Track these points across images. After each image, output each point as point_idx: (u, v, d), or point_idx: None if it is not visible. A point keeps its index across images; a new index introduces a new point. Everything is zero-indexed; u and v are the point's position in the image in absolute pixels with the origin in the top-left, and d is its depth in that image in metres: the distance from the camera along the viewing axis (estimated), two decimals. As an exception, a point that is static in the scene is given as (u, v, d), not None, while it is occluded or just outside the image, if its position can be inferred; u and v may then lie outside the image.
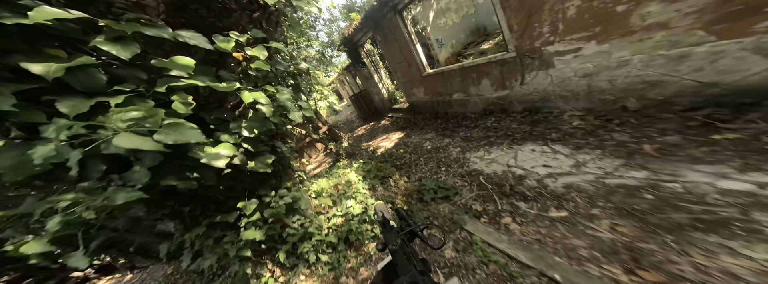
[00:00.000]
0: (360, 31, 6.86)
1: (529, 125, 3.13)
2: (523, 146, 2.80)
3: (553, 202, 1.88)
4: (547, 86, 3.05)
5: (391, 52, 6.23)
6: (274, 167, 2.20)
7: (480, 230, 2.01)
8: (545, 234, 1.69)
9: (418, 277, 0.38)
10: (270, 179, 2.22)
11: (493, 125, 3.76)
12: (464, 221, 2.18)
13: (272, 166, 1.80)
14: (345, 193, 3.08)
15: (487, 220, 2.13)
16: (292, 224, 2.43)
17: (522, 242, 1.72)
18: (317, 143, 7.72)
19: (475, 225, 2.09)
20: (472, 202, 2.45)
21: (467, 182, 2.81)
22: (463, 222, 2.18)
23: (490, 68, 3.78)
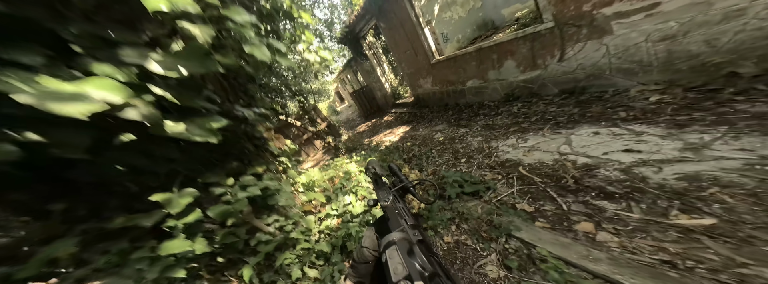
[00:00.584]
0: (362, 19, 6.27)
1: (577, 107, 2.44)
2: (577, 130, 2.10)
3: (671, 202, 1.16)
4: (598, 59, 2.39)
5: (395, 40, 5.61)
6: (233, 140, 1.46)
7: (546, 240, 1.28)
8: (681, 252, 0.97)
9: (409, 231, 0.34)
10: (225, 160, 1.46)
11: (522, 110, 3.07)
12: (515, 226, 1.45)
13: (226, 138, 1.11)
14: (343, 187, 2.33)
15: (548, 225, 1.41)
16: (266, 227, 1.67)
17: (632, 263, 1.00)
18: (316, 141, 7.00)
19: (535, 232, 1.37)
20: (515, 200, 1.73)
21: (501, 175, 2.09)
22: (514, 227, 1.45)
23: (516, 46, 3.14)
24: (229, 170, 1.43)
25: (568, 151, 1.90)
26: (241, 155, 1.59)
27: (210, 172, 1.33)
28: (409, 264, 0.26)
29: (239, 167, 1.51)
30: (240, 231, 1.52)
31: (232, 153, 1.53)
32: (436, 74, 5.04)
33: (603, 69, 2.40)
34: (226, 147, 1.49)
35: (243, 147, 1.60)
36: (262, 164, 1.66)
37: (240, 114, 1.43)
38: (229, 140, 1.48)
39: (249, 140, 1.70)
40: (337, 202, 2.13)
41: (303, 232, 1.87)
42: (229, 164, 1.45)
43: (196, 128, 0.99)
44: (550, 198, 1.60)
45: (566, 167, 1.74)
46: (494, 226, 1.57)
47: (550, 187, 1.67)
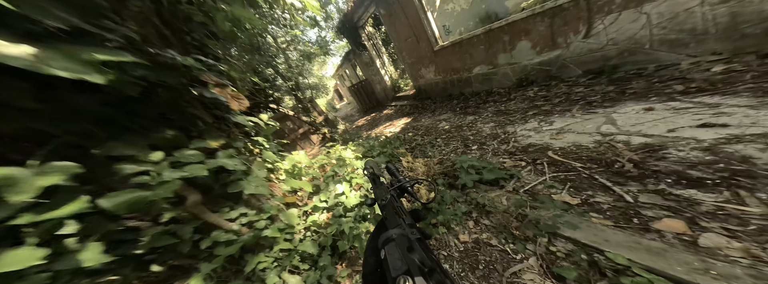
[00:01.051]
0: (361, 6, 5.79)
1: (611, 85, 2.04)
2: (619, 108, 1.70)
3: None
4: (636, 32, 2.00)
5: (396, 28, 5.17)
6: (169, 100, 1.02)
7: (618, 242, 0.87)
8: None
9: (407, 229, 0.33)
10: (155, 127, 0.99)
11: (539, 94, 2.68)
12: (566, 222, 1.04)
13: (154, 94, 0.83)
14: (335, 175, 1.89)
15: (608, 222, 1.01)
16: (227, 223, 1.22)
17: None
18: (312, 136, 6.51)
19: (597, 231, 0.96)
20: (551, 190, 1.33)
21: (525, 161, 1.69)
22: (563, 224, 1.04)
23: (532, 25, 2.74)
24: (156, 140, 0.94)
25: (613, 131, 1.51)
26: (182, 124, 1.10)
27: (118, 140, 0.85)
28: (408, 260, 0.25)
29: (177, 139, 1.02)
30: (184, 230, 1.06)
31: (167, 119, 1.05)
32: (439, 62, 4.62)
33: (641, 43, 2.01)
34: (154, 108, 1.00)
35: (186, 111, 1.12)
36: (218, 137, 1.18)
37: (170, 60, 0.94)
38: (160, 98, 1.00)
39: (202, 106, 1.22)
40: (328, 192, 1.69)
41: (282, 229, 1.42)
42: (159, 132, 0.96)
43: (61, 56, 0.54)
44: (602, 187, 1.19)
45: (617, 149, 1.34)
46: (530, 222, 1.16)
47: (597, 173, 1.27)
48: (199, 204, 1.12)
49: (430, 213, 1.57)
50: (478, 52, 3.66)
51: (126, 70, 0.79)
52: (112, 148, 0.83)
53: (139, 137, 0.90)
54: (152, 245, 0.95)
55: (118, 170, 0.83)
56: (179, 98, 1.10)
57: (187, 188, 1.09)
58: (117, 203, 0.74)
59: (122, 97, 0.83)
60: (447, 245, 1.36)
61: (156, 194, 0.82)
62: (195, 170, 0.94)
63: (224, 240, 1.20)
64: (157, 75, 0.89)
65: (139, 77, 0.83)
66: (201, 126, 1.20)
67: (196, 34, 1.32)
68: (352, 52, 7.88)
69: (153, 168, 0.89)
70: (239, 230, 1.28)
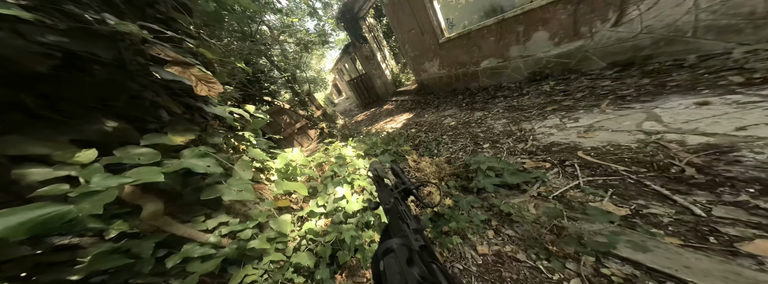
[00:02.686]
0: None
1: (646, 78, 1.80)
2: (662, 103, 1.47)
3: None
4: (678, 18, 1.74)
5: (399, 19, 4.81)
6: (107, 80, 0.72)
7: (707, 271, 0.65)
8: None
9: (411, 236, 0.32)
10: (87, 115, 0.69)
11: (557, 88, 2.44)
12: (631, 241, 0.82)
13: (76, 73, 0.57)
14: (334, 175, 1.63)
15: (675, 239, 0.80)
16: (202, 235, 0.96)
17: None
18: (310, 130, 6.20)
19: (670, 253, 0.73)
20: (588, 196, 1.11)
21: (549, 162, 1.47)
22: (632, 243, 0.82)
23: (552, 13, 2.47)
24: (86, 133, 0.67)
25: (659, 128, 1.28)
26: (133, 114, 0.81)
27: (21, 134, 0.58)
28: (408, 274, 0.24)
29: (122, 133, 0.74)
30: (141, 246, 0.79)
31: (110, 106, 0.75)
32: (444, 55, 4.33)
33: (682, 30, 1.76)
34: (88, 91, 0.70)
35: (142, 98, 0.82)
36: (185, 130, 0.89)
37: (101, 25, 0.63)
38: (94, 78, 0.70)
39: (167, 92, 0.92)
40: (326, 196, 1.44)
41: (272, 239, 1.18)
42: (93, 123, 0.68)
43: None
44: (657, 196, 0.98)
45: (670, 150, 1.12)
46: (571, 237, 0.94)
47: (648, 179, 1.05)
48: (160, 215, 0.85)
49: (441, 220, 1.35)
50: (488, 45, 3.38)
51: (24, 34, 0.51)
52: (10, 145, 0.54)
53: (57, 129, 0.61)
54: (95, 268, 0.69)
55: (20, 176, 0.55)
56: (129, 79, 0.81)
57: (142, 195, 0.82)
58: (11, 226, 0.47)
59: (26, 73, 0.55)
60: (462, 257, 1.15)
61: (80, 209, 0.55)
62: (145, 174, 0.66)
63: (199, 254, 0.94)
64: (80, 44, 0.60)
65: (49, 45, 0.55)
66: (165, 117, 0.91)
67: (160, 5, 1.01)
68: (352, 45, 7.48)
69: (82, 172, 0.61)
70: (218, 242, 1.03)
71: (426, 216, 1.38)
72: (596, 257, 0.85)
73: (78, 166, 0.62)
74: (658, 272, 0.71)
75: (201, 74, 0.82)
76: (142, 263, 0.80)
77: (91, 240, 0.74)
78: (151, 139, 0.77)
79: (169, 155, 0.82)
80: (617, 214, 0.96)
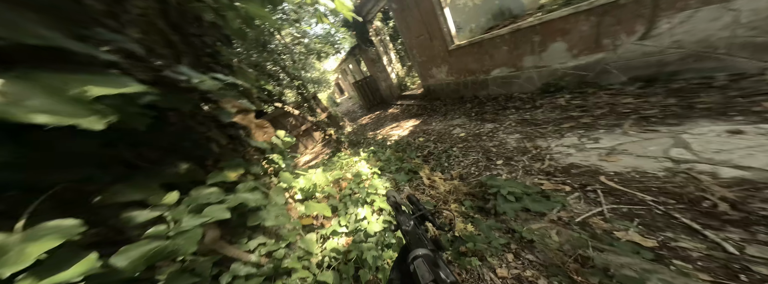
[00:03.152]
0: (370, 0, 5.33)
1: (672, 98, 1.74)
2: (689, 127, 1.42)
3: None
4: (713, 33, 1.66)
5: (408, 24, 4.75)
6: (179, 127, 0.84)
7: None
8: None
9: (431, 252, 0.35)
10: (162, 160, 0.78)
11: (573, 102, 2.39)
12: (663, 280, 0.80)
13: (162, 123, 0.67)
14: (352, 194, 1.63)
15: (706, 276, 0.78)
16: (246, 256, 1.00)
17: None
18: (315, 133, 6.20)
19: None
20: (613, 225, 1.09)
21: (569, 186, 1.45)
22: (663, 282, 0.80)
23: (573, 24, 2.40)
24: (168, 177, 0.74)
25: (687, 157, 1.25)
26: (197, 153, 0.87)
27: (124, 183, 0.66)
28: (434, 272, 0.28)
29: (192, 173, 0.80)
30: (203, 266, 0.86)
31: (178, 147, 0.82)
32: (453, 62, 4.27)
33: (715, 46, 1.69)
34: (164, 137, 0.77)
35: (200, 139, 0.88)
36: (236, 166, 0.94)
37: (184, 79, 0.69)
38: (171, 125, 0.77)
39: (215, 125, 0.97)
40: (347, 216, 1.44)
41: (300, 257, 1.21)
42: (171, 167, 0.75)
43: (39, 92, 0.38)
44: (686, 229, 0.95)
45: (701, 183, 1.09)
46: (596, 268, 0.92)
47: (677, 211, 1.03)
48: (217, 240, 0.90)
49: (458, 240, 1.34)
50: (500, 54, 3.32)
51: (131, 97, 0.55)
52: (117, 193, 0.62)
53: (148, 176, 0.69)
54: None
55: (127, 220, 0.63)
56: (191, 120, 0.84)
57: (205, 225, 0.87)
58: (133, 261, 0.56)
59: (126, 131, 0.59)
60: (481, 278, 1.15)
61: (177, 244, 0.64)
62: (216, 212, 0.74)
63: (244, 273, 1.01)
64: (168, 101, 0.65)
65: (147, 105, 0.59)
66: (215, 150, 0.95)
67: (208, 38, 1.02)
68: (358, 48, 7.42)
69: (169, 213, 0.69)
70: (259, 261, 1.08)
71: (444, 236, 1.38)
72: None
73: (165, 207, 0.70)
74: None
75: (258, 121, 0.85)
76: (202, 281, 0.86)
77: (163, 261, 0.78)
78: (214, 178, 0.84)
79: (226, 191, 0.86)
80: (644, 245, 0.94)
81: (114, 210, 0.64)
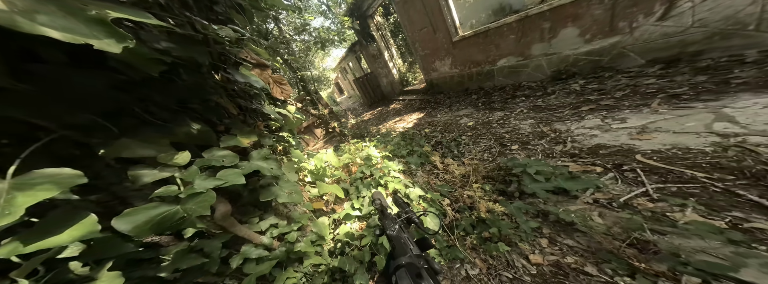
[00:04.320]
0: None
1: (702, 75, 1.62)
2: (731, 102, 1.30)
3: None
4: (741, 10, 1.55)
5: (410, 17, 4.62)
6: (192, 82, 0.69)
7: None
8: None
9: (415, 258, 0.36)
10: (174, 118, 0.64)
11: (589, 86, 2.28)
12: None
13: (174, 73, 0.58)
14: (364, 178, 1.47)
15: None
16: (258, 237, 0.88)
17: None
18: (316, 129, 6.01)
19: None
20: (666, 206, 0.95)
21: (600, 166, 1.32)
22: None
23: (585, 8, 2.30)
24: (179, 136, 0.63)
25: (736, 130, 1.12)
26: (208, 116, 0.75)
27: (132, 137, 0.56)
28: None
29: (205, 135, 0.68)
30: (212, 246, 0.73)
31: (189, 109, 0.69)
32: (457, 53, 4.15)
33: (744, 23, 1.58)
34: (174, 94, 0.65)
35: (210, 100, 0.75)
36: (249, 133, 0.80)
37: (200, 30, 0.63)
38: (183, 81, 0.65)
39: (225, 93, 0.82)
40: (360, 199, 1.28)
41: (314, 241, 1.06)
42: (183, 125, 0.63)
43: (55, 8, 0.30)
44: (756, 207, 0.82)
45: (759, 155, 0.96)
46: (665, 254, 0.78)
47: (740, 187, 0.90)
48: (228, 216, 0.76)
49: (481, 225, 1.20)
50: (507, 43, 3.21)
51: (145, 40, 0.52)
52: (124, 147, 0.53)
53: (159, 131, 0.58)
54: (176, 266, 0.64)
55: (134, 178, 0.54)
56: (204, 81, 0.71)
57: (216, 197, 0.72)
58: (138, 225, 0.48)
59: (137, 78, 0.53)
60: (510, 265, 1.01)
61: (187, 209, 0.54)
62: (230, 177, 0.64)
63: (255, 256, 0.88)
64: (184, 50, 0.56)
65: (161, 50, 0.53)
66: (226, 119, 0.82)
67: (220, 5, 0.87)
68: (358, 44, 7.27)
69: (179, 174, 0.59)
70: (271, 244, 0.92)
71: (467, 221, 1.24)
72: (704, 279, 0.69)
73: (176, 168, 0.60)
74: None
75: (276, 76, 0.72)
76: (210, 262, 0.73)
77: (167, 238, 0.69)
78: (227, 141, 0.73)
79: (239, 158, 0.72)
80: (724, 228, 0.80)
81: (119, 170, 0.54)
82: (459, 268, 1.05)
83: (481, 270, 1.01)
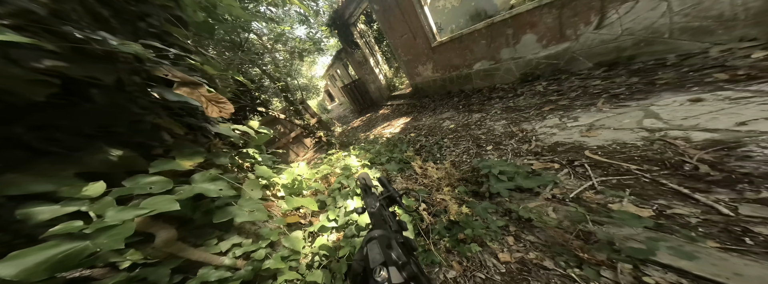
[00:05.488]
0: (352, 2, 5.37)
1: (635, 77, 1.85)
2: (656, 100, 1.49)
3: None
4: (655, 21, 1.82)
5: (391, 24, 4.82)
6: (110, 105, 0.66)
7: (763, 278, 0.63)
8: None
9: (391, 233, 0.37)
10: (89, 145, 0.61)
11: (550, 88, 2.48)
12: (674, 248, 0.77)
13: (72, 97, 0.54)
14: (341, 188, 1.53)
15: (712, 242, 0.77)
16: (217, 258, 0.88)
17: None
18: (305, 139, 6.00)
19: (716, 259, 0.69)
20: (606, 197, 1.09)
21: (558, 163, 1.45)
22: (676, 251, 0.77)
23: (538, 17, 2.53)
24: (92, 165, 0.60)
25: (660, 126, 1.29)
26: (136, 139, 0.73)
27: (23, 171, 0.52)
28: (386, 254, 0.28)
29: (127, 160, 0.66)
30: (159, 273, 0.71)
31: (105, 134, 0.66)
32: (437, 58, 4.35)
33: (660, 32, 1.84)
34: (87, 118, 0.63)
35: (142, 122, 0.74)
36: (193, 154, 0.81)
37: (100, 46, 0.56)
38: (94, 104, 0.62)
39: (168, 113, 0.83)
40: (336, 209, 1.34)
41: (286, 257, 1.08)
42: (97, 153, 0.61)
43: None
44: (677, 195, 0.96)
45: (677, 147, 1.12)
46: (602, 243, 0.90)
47: (663, 177, 1.04)
48: (173, 242, 0.75)
49: (456, 227, 1.29)
50: (479, 48, 3.43)
51: (18, 60, 0.44)
52: (9, 184, 0.48)
53: (58, 163, 0.54)
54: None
55: (25, 216, 0.49)
56: (130, 102, 0.70)
57: (153, 223, 0.72)
58: (27, 268, 0.43)
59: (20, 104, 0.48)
60: (483, 265, 1.08)
61: (98, 244, 0.51)
62: (160, 204, 0.61)
63: (216, 278, 0.86)
64: (80, 68, 0.52)
65: (47, 71, 0.47)
66: (168, 140, 0.81)
67: (153, 18, 0.89)
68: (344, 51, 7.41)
69: (89, 208, 0.55)
70: (233, 264, 0.93)
71: (441, 224, 1.32)
72: (634, 264, 0.80)
73: (87, 200, 0.56)
74: (707, 280, 0.67)
75: (211, 95, 0.73)
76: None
77: (102, 270, 0.64)
78: (159, 166, 0.69)
79: (179, 181, 0.73)
80: (641, 215, 0.93)
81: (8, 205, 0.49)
82: (437, 272, 1.09)
83: (457, 273, 1.05)
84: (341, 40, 6.80)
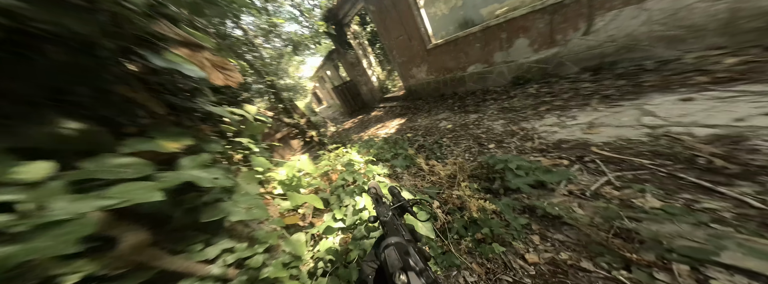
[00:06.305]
0: (347, 1, 5.27)
1: (621, 80, 1.96)
2: (648, 100, 1.56)
3: None
4: (635, 29, 1.98)
5: (386, 25, 4.79)
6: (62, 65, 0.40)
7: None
8: None
9: (405, 241, 0.37)
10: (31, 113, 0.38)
11: (542, 90, 2.57)
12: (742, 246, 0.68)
13: None
14: (346, 185, 1.33)
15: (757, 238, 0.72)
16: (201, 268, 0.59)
17: None
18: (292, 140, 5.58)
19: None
20: (635, 192, 1.04)
21: (567, 159, 1.43)
22: (745, 248, 0.68)
23: (531, 22, 2.65)
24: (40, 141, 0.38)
25: (660, 122, 1.34)
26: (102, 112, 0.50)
27: None
28: (404, 259, 0.30)
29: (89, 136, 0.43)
30: None
31: (60, 100, 0.43)
32: (432, 61, 4.38)
33: (639, 39, 2.00)
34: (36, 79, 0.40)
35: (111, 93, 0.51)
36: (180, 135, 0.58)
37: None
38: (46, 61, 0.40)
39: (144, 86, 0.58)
40: (342, 208, 1.13)
41: (287, 264, 0.86)
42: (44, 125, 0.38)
43: None
44: (699, 189, 0.93)
45: (685, 143, 1.15)
46: (652, 241, 0.81)
47: (680, 171, 1.03)
48: (143, 247, 0.50)
49: (473, 226, 1.17)
50: (474, 51, 3.51)
51: None
52: None
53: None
54: None
55: None
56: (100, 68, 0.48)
57: (116, 223, 0.47)
58: None
59: None
60: (508, 267, 0.94)
61: (34, 249, 0.32)
62: (135, 192, 0.41)
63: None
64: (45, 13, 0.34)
65: None
66: (144, 119, 0.58)
67: None
68: (336, 52, 7.22)
69: (27, 196, 0.35)
70: (224, 274, 0.68)
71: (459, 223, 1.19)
72: (691, 266, 0.70)
73: (23, 186, 0.36)
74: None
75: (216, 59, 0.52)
76: None
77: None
78: (134, 145, 0.49)
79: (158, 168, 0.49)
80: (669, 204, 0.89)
81: None
82: (456, 276, 0.96)
83: (479, 276, 0.93)
84: (334, 41, 6.61)
